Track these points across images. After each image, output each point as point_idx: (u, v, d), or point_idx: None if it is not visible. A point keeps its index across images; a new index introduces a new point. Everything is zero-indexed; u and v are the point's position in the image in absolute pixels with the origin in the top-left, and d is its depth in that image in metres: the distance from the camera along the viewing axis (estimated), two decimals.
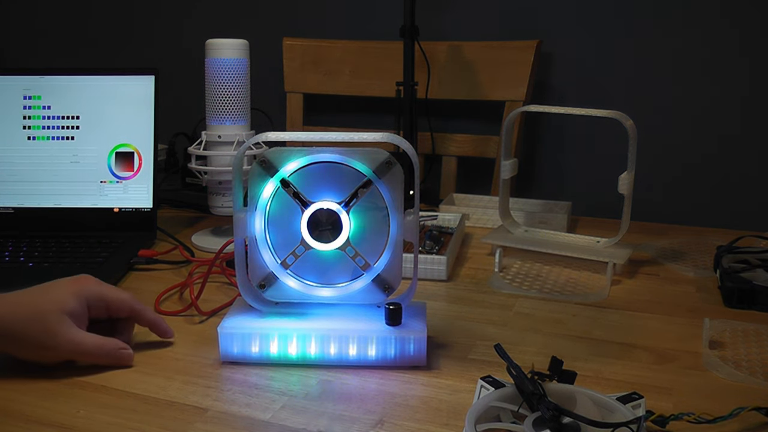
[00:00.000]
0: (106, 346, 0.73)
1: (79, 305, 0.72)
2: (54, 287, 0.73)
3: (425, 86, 1.45)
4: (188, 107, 1.35)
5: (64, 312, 0.70)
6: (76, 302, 0.72)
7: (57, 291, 0.72)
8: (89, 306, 0.73)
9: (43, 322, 0.70)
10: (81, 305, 0.72)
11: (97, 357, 0.72)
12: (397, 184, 0.73)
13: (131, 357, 0.74)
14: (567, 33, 1.52)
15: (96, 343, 0.72)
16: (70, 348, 0.71)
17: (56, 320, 0.70)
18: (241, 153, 0.75)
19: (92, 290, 0.74)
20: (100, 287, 0.75)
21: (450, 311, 0.90)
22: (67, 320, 0.70)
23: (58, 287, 0.73)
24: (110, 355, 0.73)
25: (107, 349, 0.73)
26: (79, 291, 0.73)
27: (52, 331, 0.70)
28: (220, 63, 1.09)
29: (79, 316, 0.72)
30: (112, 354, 0.73)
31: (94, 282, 0.75)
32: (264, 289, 0.77)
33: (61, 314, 0.70)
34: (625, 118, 0.99)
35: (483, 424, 0.61)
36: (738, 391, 0.71)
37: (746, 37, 1.40)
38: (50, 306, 0.70)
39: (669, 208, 1.49)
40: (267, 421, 0.65)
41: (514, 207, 1.19)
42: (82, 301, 0.72)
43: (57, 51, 1.98)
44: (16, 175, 1.14)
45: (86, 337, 0.72)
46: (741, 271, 0.96)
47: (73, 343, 0.71)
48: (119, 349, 0.73)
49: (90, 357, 0.72)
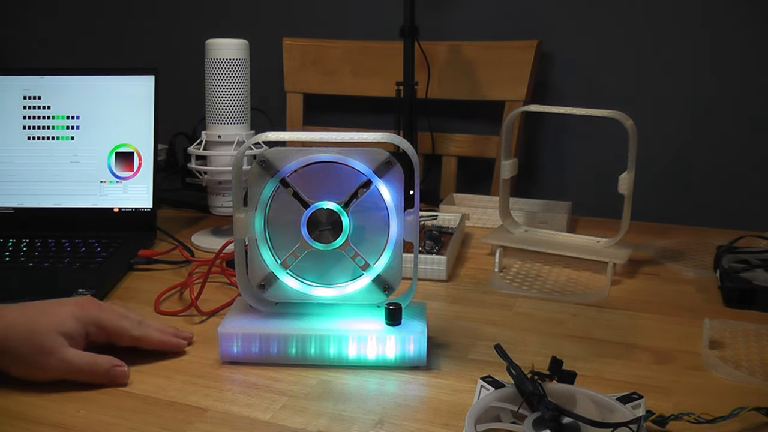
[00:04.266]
0: (100, 365, 0.71)
1: (76, 328, 0.71)
2: (54, 307, 0.72)
3: (425, 86, 1.45)
4: (188, 107, 1.35)
5: (59, 333, 0.69)
6: (74, 324, 0.71)
7: (56, 311, 0.71)
8: (87, 331, 0.72)
9: (37, 341, 0.69)
10: (78, 328, 0.71)
11: (90, 376, 0.70)
12: (397, 184, 0.73)
13: (126, 375, 0.71)
14: (567, 33, 1.52)
15: (88, 362, 0.70)
16: (62, 367, 0.69)
17: (51, 340, 0.69)
18: (241, 153, 0.75)
19: (92, 316, 0.72)
20: (100, 314, 0.73)
21: (450, 311, 0.90)
22: (61, 340, 0.69)
23: (58, 307, 0.72)
24: (104, 375, 0.71)
25: (101, 368, 0.71)
26: (79, 314, 0.72)
27: (45, 350, 0.68)
28: (220, 63, 1.09)
29: (75, 337, 0.71)
30: (106, 373, 0.71)
31: (96, 307, 0.74)
32: (264, 289, 0.77)
33: (56, 335, 0.69)
34: (625, 118, 0.99)
35: (483, 424, 0.61)
36: (738, 391, 0.71)
37: (747, 37, 1.40)
38: (46, 326, 0.69)
39: (669, 208, 1.49)
40: (267, 421, 0.65)
41: (514, 207, 1.19)
42: (80, 325, 0.71)
43: (57, 51, 1.98)
44: (16, 175, 1.14)
45: (78, 356, 0.70)
46: (741, 271, 0.96)
47: (64, 363, 0.69)
48: (113, 367, 0.71)
49: (82, 376, 0.70)
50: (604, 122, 1.03)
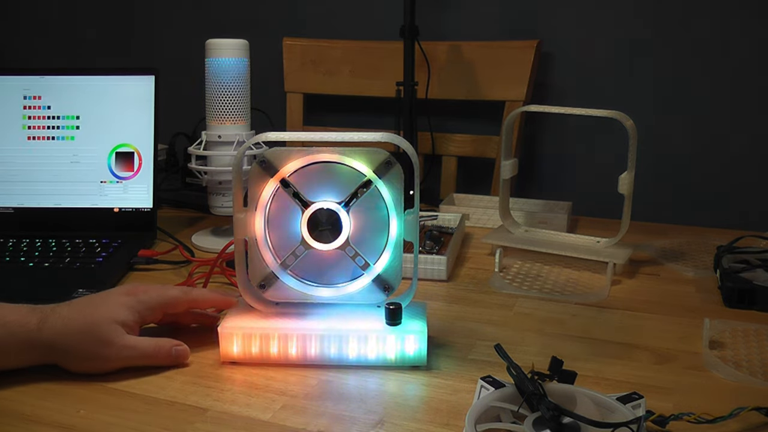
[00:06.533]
0: (163, 347, 0.74)
1: (130, 315, 0.73)
2: (105, 299, 0.74)
3: (425, 86, 1.45)
4: (188, 107, 1.35)
5: (116, 322, 0.71)
6: (127, 312, 0.73)
7: (108, 302, 0.73)
8: (142, 316, 0.74)
9: (97, 333, 0.70)
10: (132, 315, 0.73)
11: (155, 358, 0.73)
12: (397, 184, 0.73)
13: (188, 352, 0.75)
14: (567, 33, 1.52)
15: (152, 345, 0.73)
16: (127, 354, 0.71)
17: (109, 330, 0.71)
18: (241, 153, 0.75)
19: (142, 300, 0.75)
20: (148, 294, 0.76)
21: (450, 311, 0.90)
22: (119, 329, 0.71)
23: (108, 298, 0.74)
24: (169, 355, 0.73)
25: (164, 349, 0.73)
26: (129, 302, 0.74)
27: (106, 341, 0.70)
28: (220, 63, 1.09)
29: (130, 324, 0.73)
30: (169, 353, 0.74)
31: (142, 291, 0.76)
32: (264, 289, 0.77)
33: (114, 324, 0.71)
34: (625, 118, 0.99)
35: (483, 424, 0.61)
36: (738, 391, 0.71)
37: (747, 36, 1.40)
38: (103, 318, 0.71)
39: (669, 208, 1.49)
40: (267, 421, 0.65)
41: (514, 207, 1.19)
42: (133, 312, 0.73)
43: (57, 51, 1.98)
44: (16, 175, 1.14)
45: (141, 341, 0.73)
46: (741, 271, 0.96)
47: (129, 348, 0.71)
48: (174, 347, 0.74)
49: (148, 359, 0.73)
50: (604, 122, 1.03)
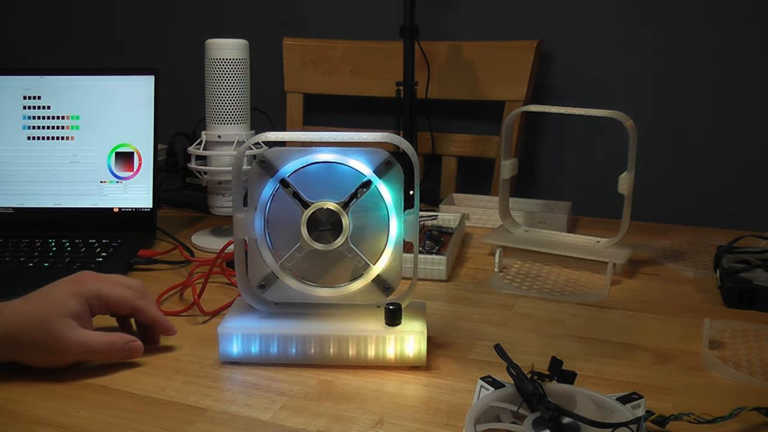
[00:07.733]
0: (116, 342, 0.72)
1: (80, 306, 0.71)
2: (53, 291, 0.72)
3: (425, 86, 1.45)
4: (188, 107, 1.35)
5: (66, 315, 0.70)
6: (77, 303, 0.71)
7: (57, 294, 0.72)
8: (90, 305, 0.73)
9: (49, 328, 0.69)
10: (82, 305, 0.72)
11: (107, 354, 0.72)
12: (397, 184, 0.73)
13: (141, 348, 0.74)
14: (567, 33, 1.52)
15: (105, 341, 0.72)
16: (79, 349, 0.71)
17: (61, 324, 0.70)
18: (241, 153, 0.75)
19: (91, 289, 0.73)
20: (98, 285, 0.74)
21: (450, 311, 0.90)
22: (71, 323, 0.70)
23: (57, 290, 0.72)
24: (121, 350, 0.73)
25: (117, 344, 0.72)
26: (78, 291, 0.72)
27: (58, 336, 0.69)
28: (220, 63, 1.09)
29: (81, 316, 0.71)
30: (122, 349, 0.73)
31: (93, 279, 0.74)
32: (264, 289, 0.77)
33: (64, 318, 0.70)
34: (625, 118, 0.99)
35: (483, 424, 0.61)
36: (738, 391, 0.71)
37: (747, 36, 1.40)
38: (52, 310, 0.70)
39: (669, 208, 1.49)
40: (267, 421, 0.65)
41: (514, 207, 1.19)
42: (83, 301, 0.72)
43: (57, 51, 1.98)
44: (16, 175, 1.14)
45: (93, 336, 0.72)
46: (741, 271, 0.96)
47: (80, 344, 0.70)
48: (128, 342, 0.73)
49: (100, 355, 0.72)
50: (604, 122, 1.03)
